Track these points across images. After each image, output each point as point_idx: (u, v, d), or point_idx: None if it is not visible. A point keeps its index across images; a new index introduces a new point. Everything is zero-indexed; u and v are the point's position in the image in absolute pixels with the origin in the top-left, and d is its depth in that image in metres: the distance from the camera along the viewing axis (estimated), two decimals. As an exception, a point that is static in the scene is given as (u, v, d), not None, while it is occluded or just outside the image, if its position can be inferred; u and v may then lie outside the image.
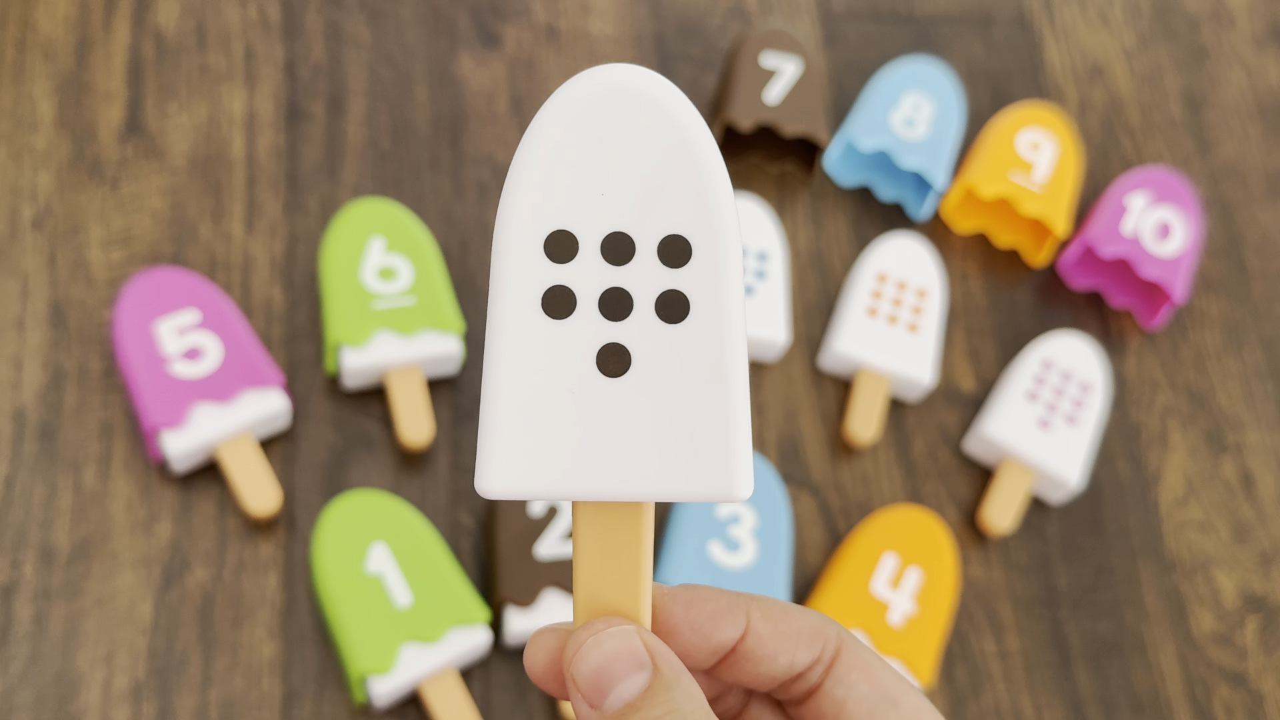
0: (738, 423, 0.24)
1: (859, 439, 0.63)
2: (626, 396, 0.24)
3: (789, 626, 0.27)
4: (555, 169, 0.24)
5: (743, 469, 0.25)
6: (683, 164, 0.24)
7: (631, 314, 0.24)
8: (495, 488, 0.24)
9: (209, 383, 0.57)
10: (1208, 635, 0.63)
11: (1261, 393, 0.69)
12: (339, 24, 0.70)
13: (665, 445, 0.24)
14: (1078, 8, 0.78)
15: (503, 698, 0.56)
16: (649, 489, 0.25)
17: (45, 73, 0.66)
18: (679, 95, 0.25)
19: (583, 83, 0.24)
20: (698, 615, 0.27)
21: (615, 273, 0.24)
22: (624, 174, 0.24)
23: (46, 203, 0.63)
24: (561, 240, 0.24)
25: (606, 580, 0.26)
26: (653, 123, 0.24)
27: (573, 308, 0.24)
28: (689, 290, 0.24)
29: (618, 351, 0.24)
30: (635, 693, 0.24)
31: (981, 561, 0.63)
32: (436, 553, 0.55)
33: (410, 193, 0.66)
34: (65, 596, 0.55)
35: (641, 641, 0.25)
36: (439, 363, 0.60)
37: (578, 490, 0.25)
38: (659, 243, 0.24)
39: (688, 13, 0.74)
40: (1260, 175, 0.75)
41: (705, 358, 0.24)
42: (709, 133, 0.25)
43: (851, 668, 0.27)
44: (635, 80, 0.24)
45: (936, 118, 0.70)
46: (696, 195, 0.24)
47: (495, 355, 0.24)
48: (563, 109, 0.24)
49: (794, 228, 0.69)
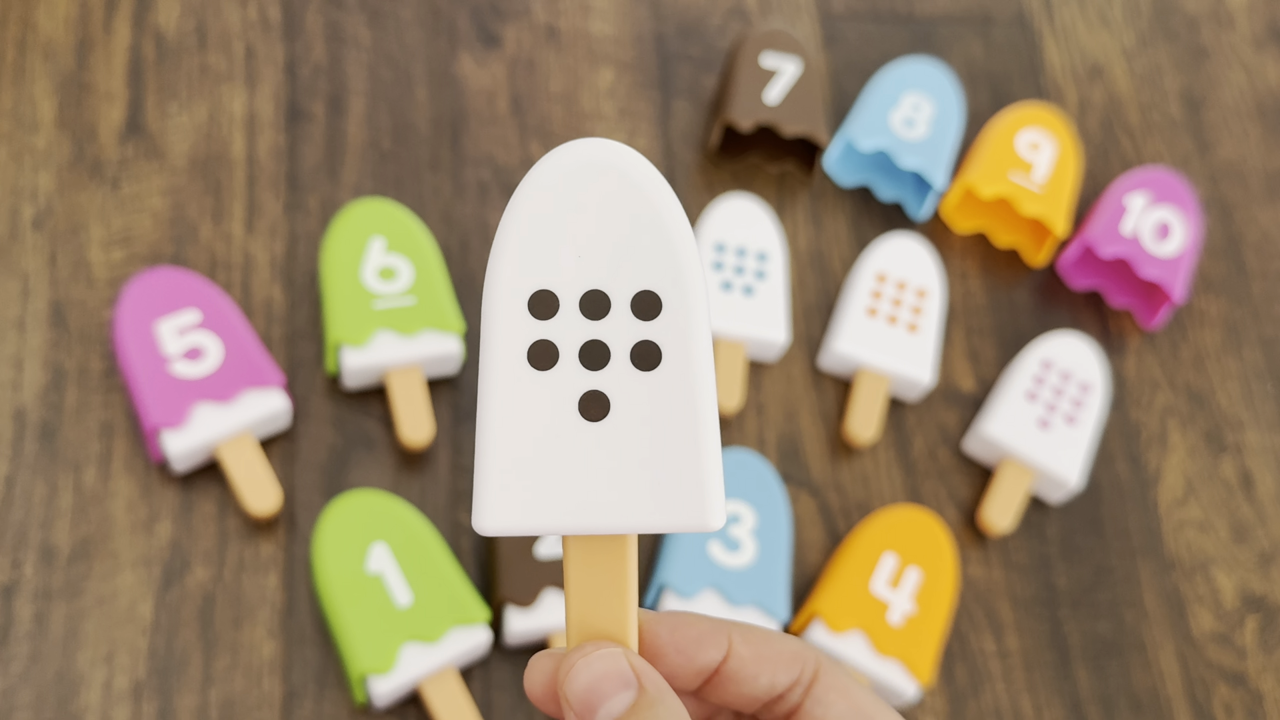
0: (709, 459, 0.27)
1: (859, 439, 0.63)
2: (607, 438, 0.27)
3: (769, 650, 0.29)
4: (537, 234, 0.27)
5: (715, 501, 0.27)
6: (651, 227, 0.27)
7: (609, 363, 0.27)
8: (491, 525, 0.27)
9: (209, 383, 0.57)
10: (1207, 635, 0.63)
11: (1261, 392, 0.69)
12: (339, 24, 0.70)
13: (644, 481, 0.27)
14: (1077, 8, 0.78)
15: (503, 697, 0.56)
16: (631, 522, 0.27)
17: (46, 73, 0.66)
18: (646, 165, 0.27)
19: (560, 156, 0.27)
20: (682, 639, 0.28)
21: (593, 327, 0.27)
22: (599, 237, 0.27)
23: (47, 203, 0.63)
24: (544, 299, 0.27)
25: (596, 607, 0.28)
26: (623, 191, 0.27)
27: (556, 359, 0.27)
28: (661, 340, 0.27)
29: (598, 398, 0.27)
30: (622, 709, 0.26)
31: (981, 561, 0.63)
32: (437, 552, 0.55)
33: (410, 193, 0.66)
34: (66, 596, 0.55)
35: (628, 662, 0.27)
36: (439, 362, 0.60)
37: (567, 525, 0.27)
38: (632, 298, 0.27)
39: (688, 13, 0.74)
40: (1260, 175, 0.75)
41: (678, 401, 0.27)
42: (674, 197, 0.27)
43: (829, 689, 0.29)
44: (607, 154, 0.27)
45: (936, 118, 0.70)
46: (664, 254, 0.27)
47: (487, 405, 0.27)
48: (543, 180, 0.27)
49: (794, 228, 0.69)
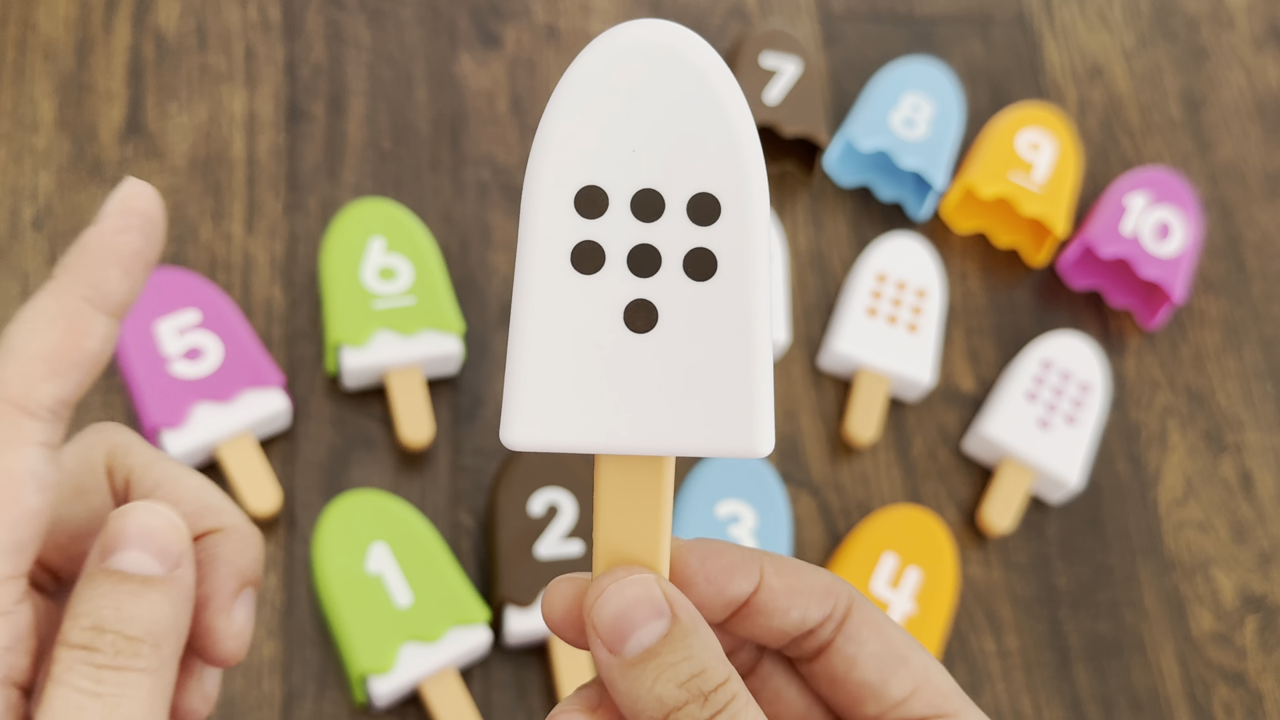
0: (761, 380, 0.25)
1: (859, 439, 0.63)
2: (652, 352, 0.25)
3: (802, 583, 0.27)
4: (587, 124, 0.24)
5: (765, 425, 0.25)
6: (714, 123, 0.24)
7: (659, 271, 0.24)
8: (520, 439, 0.25)
9: (209, 383, 0.57)
10: (1207, 635, 0.63)
11: (1261, 392, 0.69)
12: (339, 24, 0.70)
13: (689, 401, 0.25)
14: (1077, 8, 0.78)
15: (503, 697, 0.56)
16: (672, 443, 0.25)
17: (46, 73, 0.66)
18: (711, 52, 0.24)
19: (616, 37, 0.24)
20: (713, 568, 0.27)
21: (644, 229, 0.24)
22: (655, 131, 0.24)
23: (47, 203, 0.63)
24: (592, 196, 0.24)
25: (627, 531, 0.26)
26: (685, 80, 0.24)
27: (602, 263, 0.24)
28: (717, 248, 0.24)
29: (645, 308, 0.24)
30: (654, 639, 0.25)
31: (981, 561, 0.63)
32: (437, 552, 0.55)
33: (410, 193, 0.66)
34: (66, 596, 0.55)
35: (661, 590, 0.25)
36: (439, 363, 0.60)
37: (601, 443, 0.25)
38: (688, 200, 0.24)
39: (687, 13, 0.74)
40: (1259, 175, 0.75)
41: (731, 316, 0.24)
42: (740, 93, 0.25)
43: (862, 625, 0.27)
44: (668, 36, 0.24)
45: (936, 118, 0.70)
46: (727, 155, 0.24)
47: (523, 309, 0.25)
48: (595, 63, 0.24)
49: (794, 228, 0.69)
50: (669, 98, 0.24)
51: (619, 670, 0.25)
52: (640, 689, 0.24)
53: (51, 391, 0.24)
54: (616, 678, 0.25)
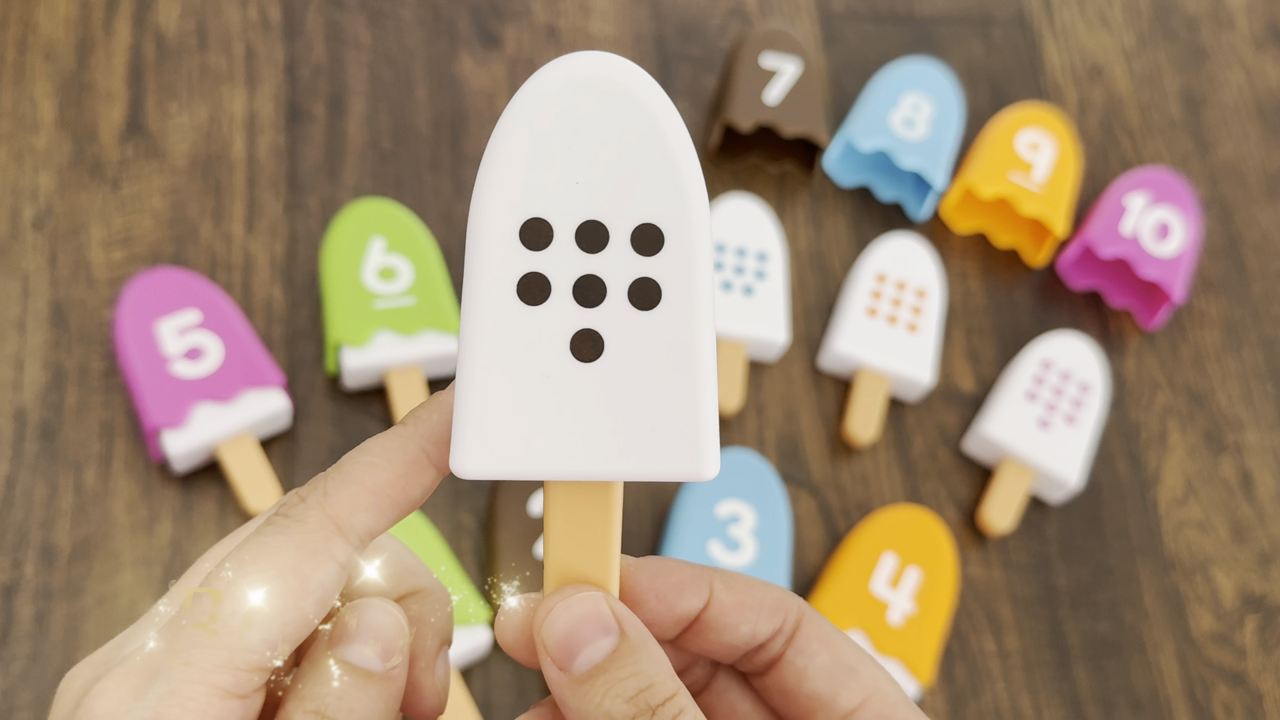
0: (706, 406, 0.25)
1: (858, 439, 0.63)
2: (599, 380, 0.25)
3: (751, 598, 0.28)
4: (531, 157, 0.24)
5: (710, 449, 0.25)
6: (656, 154, 0.24)
7: (605, 300, 0.25)
8: (470, 468, 0.25)
9: (210, 383, 0.57)
10: (1207, 635, 0.63)
11: (1260, 392, 0.69)
12: (339, 24, 0.70)
13: (636, 427, 0.25)
14: (1077, 8, 0.79)
15: (503, 697, 0.56)
16: (619, 468, 0.25)
17: (46, 73, 0.66)
18: (653, 84, 0.25)
19: (557, 70, 0.24)
20: (663, 585, 0.27)
21: (589, 260, 0.25)
22: (598, 163, 0.24)
23: (47, 203, 0.63)
24: (537, 228, 0.25)
25: (576, 553, 0.26)
26: (626, 112, 0.24)
27: (548, 294, 0.25)
28: (661, 278, 0.25)
29: (591, 337, 0.25)
30: (601, 656, 0.25)
31: (981, 561, 0.63)
32: (437, 552, 0.55)
33: (410, 193, 0.66)
34: (66, 596, 0.55)
35: (609, 607, 0.26)
36: (439, 362, 0.60)
37: (551, 470, 0.25)
38: (632, 231, 0.25)
39: (688, 13, 0.74)
40: (1259, 175, 0.76)
41: (676, 344, 0.25)
42: (682, 123, 0.25)
43: (812, 638, 0.28)
44: (609, 69, 0.24)
45: (936, 118, 0.70)
46: (669, 185, 0.25)
47: (471, 339, 0.25)
48: (537, 95, 0.24)
49: (794, 228, 0.69)
50: (611, 130, 0.24)
51: (569, 687, 0.25)
52: (589, 705, 0.25)
53: (367, 522, 0.26)
54: (567, 695, 0.25)
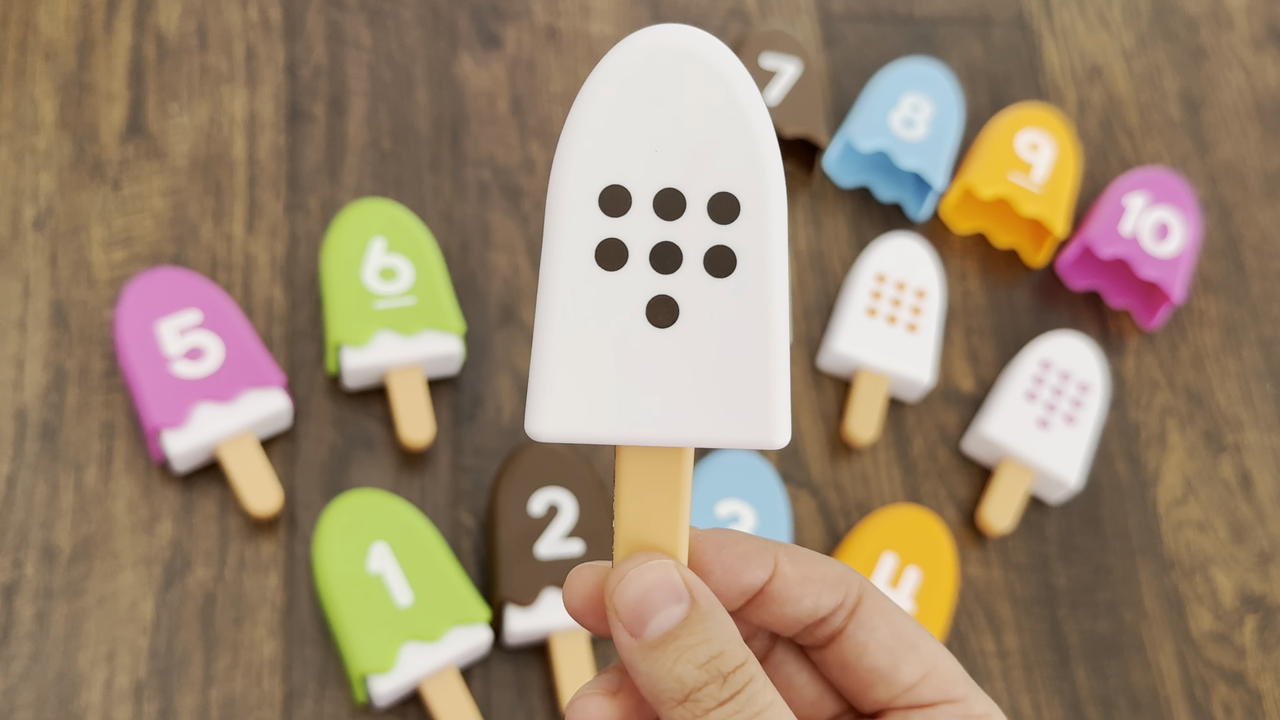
0: (778, 374, 0.25)
1: (858, 439, 0.63)
2: (673, 346, 0.25)
3: (814, 572, 0.28)
4: (610, 125, 0.25)
5: (781, 417, 0.26)
6: (733, 123, 0.25)
7: (681, 267, 0.25)
8: (545, 430, 0.25)
9: (210, 383, 0.57)
10: (1206, 634, 0.63)
11: (1260, 392, 0.69)
12: (340, 25, 0.70)
13: (708, 394, 0.25)
14: (1076, 9, 0.79)
15: (503, 696, 0.56)
16: (692, 435, 0.26)
17: (47, 73, 0.66)
18: (732, 57, 0.25)
19: (639, 41, 0.25)
20: (729, 556, 0.27)
21: (666, 227, 0.25)
22: (676, 132, 0.25)
23: (48, 203, 0.63)
24: (616, 194, 0.25)
25: (647, 520, 0.26)
26: (705, 82, 0.25)
27: (625, 260, 0.25)
28: (736, 246, 0.25)
29: (667, 303, 0.25)
30: (674, 622, 0.25)
31: (980, 561, 0.63)
32: (437, 552, 0.55)
33: (411, 193, 0.66)
34: (67, 596, 0.55)
35: (680, 575, 0.26)
36: (439, 363, 0.60)
37: (624, 435, 0.26)
38: (709, 199, 0.25)
39: (687, 14, 0.74)
40: (1258, 175, 0.76)
41: (749, 311, 0.25)
42: (759, 95, 0.25)
43: (873, 613, 0.28)
44: (689, 40, 0.25)
45: (935, 118, 0.70)
46: (746, 154, 0.25)
47: (548, 304, 0.25)
48: (618, 66, 0.25)
49: (793, 228, 0.69)
50: (690, 100, 0.25)
51: (640, 653, 0.25)
52: (661, 670, 0.25)
53: None
54: (637, 660, 0.25)
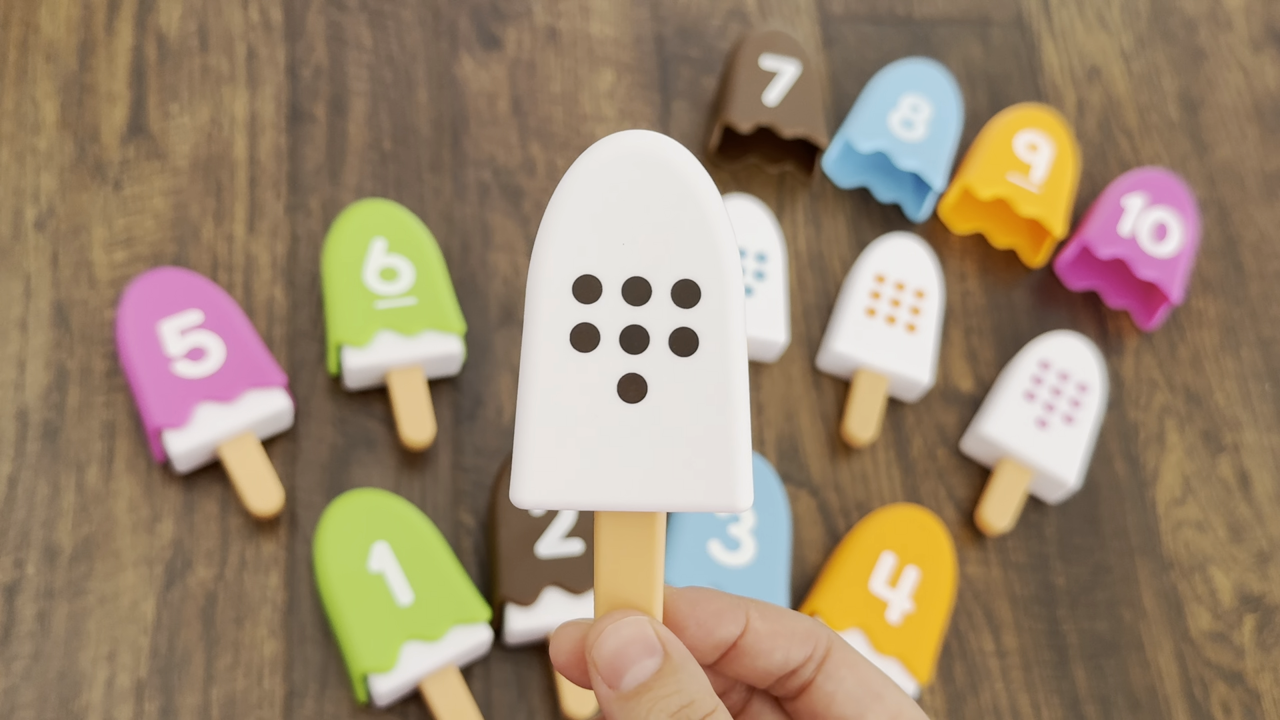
0: (740, 443, 0.28)
1: (857, 438, 0.63)
2: (644, 420, 0.28)
3: (784, 626, 0.30)
4: (582, 221, 0.28)
5: (743, 483, 0.28)
6: (692, 217, 0.28)
7: (648, 348, 0.28)
8: (528, 498, 0.28)
9: (211, 383, 0.57)
10: (1205, 634, 0.63)
11: (1258, 392, 0.70)
12: (340, 26, 0.70)
13: (677, 462, 0.28)
14: (1075, 10, 0.79)
15: (503, 695, 0.56)
16: (662, 500, 0.28)
17: (48, 74, 0.66)
18: (688, 156, 0.28)
19: (605, 147, 0.28)
20: (703, 613, 0.29)
21: (634, 312, 0.28)
22: (642, 226, 0.28)
23: (49, 204, 0.63)
24: (588, 284, 0.28)
25: (623, 579, 0.29)
26: (668, 182, 0.28)
27: (597, 342, 0.28)
28: (698, 327, 0.28)
29: (636, 381, 0.28)
30: (647, 675, 0.27)
31: (979, 560, 0.63)
32: (438, 552, 0.56)
33: (411, 194, 0.66)
34: (68, 595, 0.55)
35: (654, 630, 0.28)
36: (440, 362, 0.60)
37: (601, 501, 0.28)
38: (672, 286, 0.28)
39: (687, 14, 0.74)
40: (1257, 176, 0.76)
41: (712, 386, 0.28)
42: (714, 188, 0.28)
43: (840, 665, 0.30)
44: (650, 144, 0.28)
45: (935, 119, 0.70)
46: (704, 245, 0.28)
47: (529, 383, 0.28)
48: (589, 168, 0.28)
49: (793, 228, 0.69)
50: (655, 197, 0.28)
51: (617, 703, 0.28)
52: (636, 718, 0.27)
53: None
54: (615, 709, 0.28)
